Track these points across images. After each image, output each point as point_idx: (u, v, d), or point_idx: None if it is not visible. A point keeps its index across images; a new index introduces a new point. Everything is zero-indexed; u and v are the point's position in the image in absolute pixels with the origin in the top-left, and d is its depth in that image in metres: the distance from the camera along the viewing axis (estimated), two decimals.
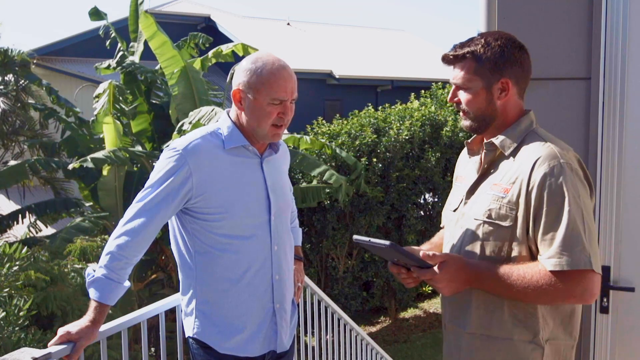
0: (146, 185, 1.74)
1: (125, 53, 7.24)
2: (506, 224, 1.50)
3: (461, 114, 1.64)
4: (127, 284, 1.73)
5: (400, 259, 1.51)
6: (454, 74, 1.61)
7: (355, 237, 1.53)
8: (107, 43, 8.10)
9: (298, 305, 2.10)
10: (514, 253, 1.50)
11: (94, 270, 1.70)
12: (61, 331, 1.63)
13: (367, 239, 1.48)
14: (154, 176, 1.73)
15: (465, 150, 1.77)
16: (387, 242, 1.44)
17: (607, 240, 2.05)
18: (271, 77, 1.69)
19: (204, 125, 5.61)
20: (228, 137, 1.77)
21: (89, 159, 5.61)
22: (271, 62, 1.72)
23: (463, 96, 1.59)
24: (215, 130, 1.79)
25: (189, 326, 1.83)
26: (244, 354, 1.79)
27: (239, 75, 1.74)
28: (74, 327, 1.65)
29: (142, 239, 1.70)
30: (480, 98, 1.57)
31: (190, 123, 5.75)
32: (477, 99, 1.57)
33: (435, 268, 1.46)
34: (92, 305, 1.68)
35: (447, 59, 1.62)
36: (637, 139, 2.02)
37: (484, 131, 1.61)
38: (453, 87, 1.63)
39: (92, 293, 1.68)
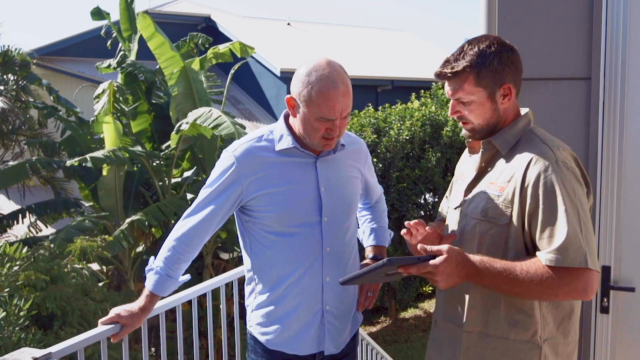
0: (205, 184, 1.83)
1: (126, 53, 7.23)
2: (502, 222, 1.51)
3: (462, 124, 1.62)
4: (184, 278, 1.84)
5: (399, 264, 1.44)
6: (453, 89, 1.56)
7: (341, 280, 1.48)
8: (109, 43, 8.10)
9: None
10: (511, 250, 1.50)
11: (154, 260, 1.82)
12: (113, 312, 1.77)
13: (356, 273, 1.46)
14: (211, 175, 1.82)
15: (467, 149, 1.77)
16: (384, 260, 1.39)
17: (607, 240, 2.05)
18: (320, 97, 1.64)
19: (201, 125, 5.64)
20: (279, 139, 1.79)
21: (88, 158, 5.61)
22: (326, 77, 1.65)
23: (467, 109, 1.56)
24: (268, 132, 1.83)
25: (248, 319, 1.90)
26: (291, 351, 1.82)
27: (295, 82, 1.70)
28: (125, 311, 1.78)
29: (194, 235, 1.78)
30: (486, 108, 1.55)
31: (187, 123, 5.77)
32: (482, 110, 1.55)
33: (436, 261, 1.41)
34: (145, 292, 1.80)
35: (444, 76, 1.56)
36: (637, 139, 2.02)
37: (488, 137, 1.59)
38: (452, 101, 1.59)
39: (147, 281, 1.80)
